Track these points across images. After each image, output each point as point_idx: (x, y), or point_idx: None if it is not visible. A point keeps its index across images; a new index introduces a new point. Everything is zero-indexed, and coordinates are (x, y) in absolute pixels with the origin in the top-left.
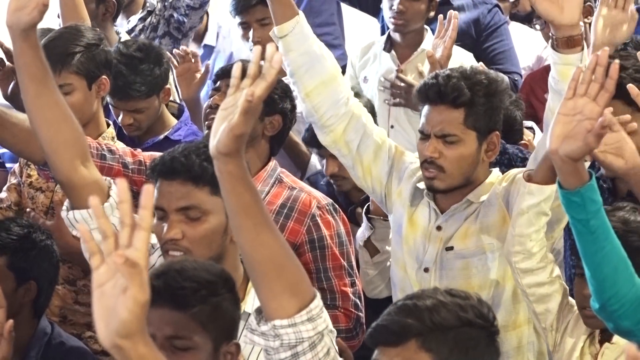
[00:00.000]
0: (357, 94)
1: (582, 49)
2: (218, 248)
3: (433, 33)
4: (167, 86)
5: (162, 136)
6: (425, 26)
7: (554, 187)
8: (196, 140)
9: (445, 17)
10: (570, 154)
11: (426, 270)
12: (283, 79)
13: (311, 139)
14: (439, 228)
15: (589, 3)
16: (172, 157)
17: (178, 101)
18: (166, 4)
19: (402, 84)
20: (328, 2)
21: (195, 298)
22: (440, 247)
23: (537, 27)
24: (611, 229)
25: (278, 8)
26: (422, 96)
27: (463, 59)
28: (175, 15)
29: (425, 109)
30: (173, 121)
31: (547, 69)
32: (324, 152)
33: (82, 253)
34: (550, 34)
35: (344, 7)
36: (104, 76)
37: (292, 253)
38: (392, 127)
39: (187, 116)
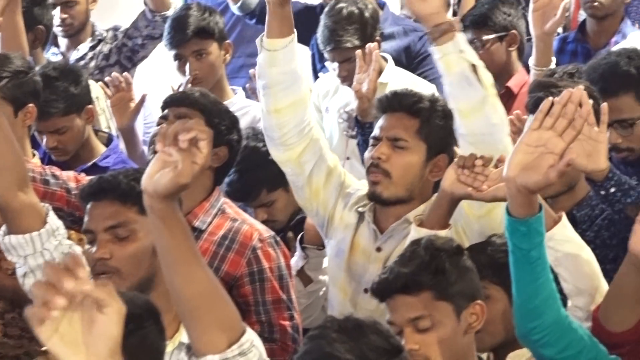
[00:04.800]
0: None
1: (454, 37)
2: (148, 268)
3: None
4: (90, 107)
5: (90, 163)
6: (385, 55)
7: (444, 232)
8: (126, 167)
9: None
10: (528, 185)
11: (366, 291)
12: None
13: (234, 194)
14: (378, 249)
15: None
16: (99, 178)
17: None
18: (118, 33)
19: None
20: (260, 32)
21: None
22: (380, 268)
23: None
24: (547, 261)
25: (276, 23)
26: (382, 105)
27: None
28: (129, 44)
29: (382, 118)
30: (101, 148)
31: None
32: (249, 204)
33: (9, 286)
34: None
35: None
36: (31, 104)
37: (222, 288)
38: (348, 158)
39: (116, 144)
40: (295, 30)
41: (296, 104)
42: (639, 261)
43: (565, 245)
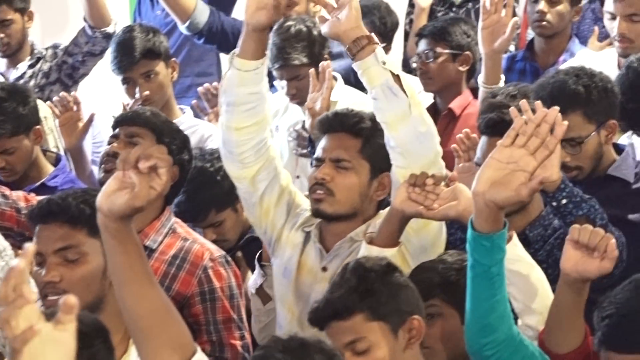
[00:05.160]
0: None
1: (374, 50)
2: (97, 291)
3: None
4: (38, 127)
5: (38, 183)
6: (335, 74)
7: (394, 250)
8: (74, 187)
9: None
10: (498, 201)
11: None
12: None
13: (183, 214)
14: (324, 269)
15: None
16: (48, 200)
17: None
18: (57, 50)
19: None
20: (208, 53)
21: None
22: (326, 288)
23: (414, 64)
24: (505, 278)
25: (252, 45)
26: (324, 125)
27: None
28: (69, 61)
29: (324, 138)
30: (50, 168)
31: None
32: (198, 225)
33: None
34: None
35: None
36: None
37: (174, 307)
38: (297, 177)
39: (64, 164)
40: (267, 52)
41: (258, 124)
42: (571, 280)
43: (516, 264)
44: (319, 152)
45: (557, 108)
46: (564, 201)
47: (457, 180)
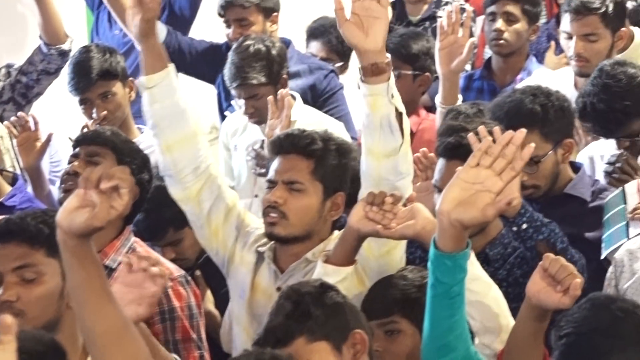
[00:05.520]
0: None
1: (389, 79)
2: (54, 312)
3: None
4: None
5: None
6: (293, 93)
7: (350, 269)
8: (32, 207)
9: None
10: (464, 221)
11: None
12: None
13: (142, 233)
14: (279, 289)
15: None
16: (6, 220)
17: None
18: (11, 70)
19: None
20: None
21: None
22: None
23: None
24: (465, 298)
25: (150, 58)
26: (276, 146)
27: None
28: (23, 80)
29: (276, 160)
30: (7, 188)
31: None
32: (157, 243)
33: None
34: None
35: None
36: None
37: (133, 326)
38: (256, 196)
39: (21, 184)
40: (171, 64)
41: (187, 139)
42: (532, 304)
43: (474, 283)
44: (271, 174)
45: (524, 131)
46: (524, 226)
47: (415, 200)
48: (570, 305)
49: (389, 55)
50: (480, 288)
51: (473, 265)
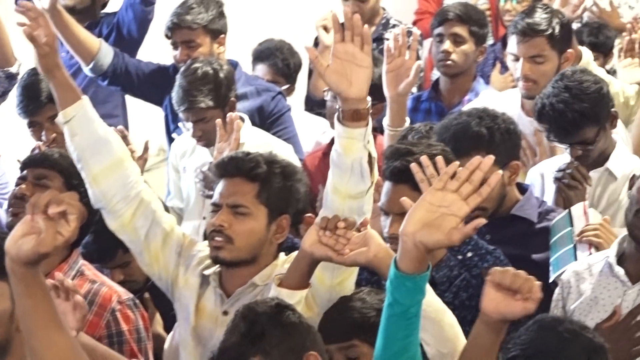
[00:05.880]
0: None
1: (367, 125)
2: (4, 334)
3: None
4: None
5: None
6: (242, 115)
7: (304, 292)
8: None
9: None
10: (428, 244)
11: None
12: None
13: (90, 255)
14: (225, 313)
15: None
16: None
17: None
18: None
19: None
20: (113, 94)
21: None
22: None
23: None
24: (420, 320)
25: (61, 93)
26: (220, 170)
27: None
28: None
29: (221, 183)
30: None
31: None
32: (106, 265)
33: None
34: (337, 107)
35: None
36: None
37: (82, 352)
38: (204, 218)
39: None
40: (84, 95)
41: (112, 167)
42: (491, 321)
43: (428, 309)
44: (216, 198)
45: (492, 157)
46: (469, 254)
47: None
48: (534, 308)
49: (369, 98)
50: (435, 314)
51: (427, 292)
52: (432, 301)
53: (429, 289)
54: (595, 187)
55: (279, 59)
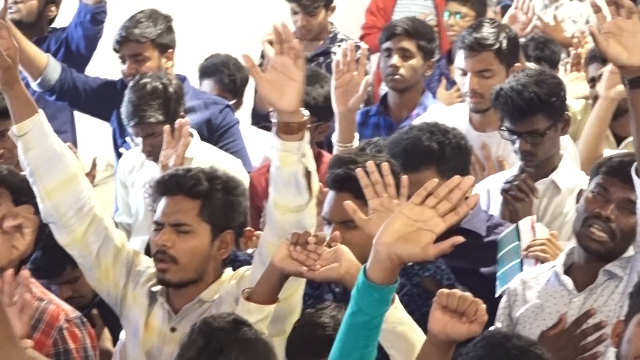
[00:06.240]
0: None
1: (302, 138)
2: None
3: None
4: None
5: None
6: (191, 130)
7: (272, 307)
8: None
9: None
10: (403, 256)
11: None
12: None
13: (38, 271)
14: (173, 329)
15: None
16: None
17: None
18: None
19: None
20: (62, 110)
21: None
22: (175, 349)
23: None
24: (379, 333)
25: (17, 106)
26: (161, 187)
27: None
28: None
29: (162, 201)
30: None
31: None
32: (54, 281)
33: None
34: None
35: None
36: None
37: None
38: None
39: None
40: (40, 109)
41: (66, 182)
42: (438, 341)
43: (399, 327)
44: (158, 216)
45: (472, 177)
46: (410, 263)
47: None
48: (480, 331)
49: (307, 112)
50: (405, 332)
51: (398, 309)
52: (403, 319)
53: (399, 307)
54: (541, 199)
55: (225, 75)
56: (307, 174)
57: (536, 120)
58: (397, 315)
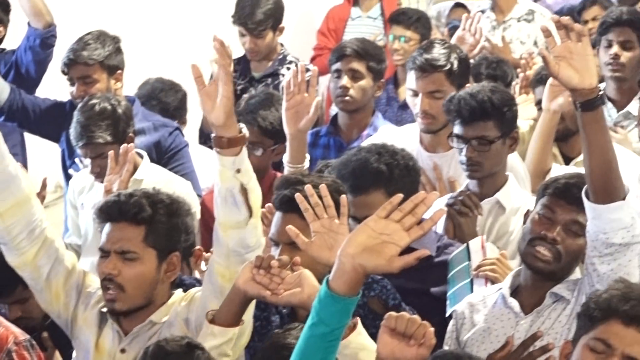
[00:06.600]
0: None
1: (237, 154)
2: None
3: None
4: None
5: None
6: (140, 151)
7: (237, 329)
8: None
9: None
10: (368, 267)
11: None
12: None
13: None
14: (123, 351)
15: None
16: None
17: None
18: None
19: None
20: (12, 133)
21: None
22: None
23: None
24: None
25: None
26: (104, 214)
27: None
28: None
29: (106, 227)
30: None
31: None
32: (4, 301)
33: None
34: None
35: None
36: None
37: None
38: None
39: None
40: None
41: (20, 204)
42: None
43: (361, 353)
44: (103, 243)
45: (437, 193)
46: (374, 274)
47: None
48: (428, 354)
49: (243, 126)
50: (368, 358)
51: (360, 335)
52: (364, 344)
53: (362, 332)
54: (486, 219)
55: (155, 103)
56: (243, 191)
57: (487, 126)
58: (359, 341)
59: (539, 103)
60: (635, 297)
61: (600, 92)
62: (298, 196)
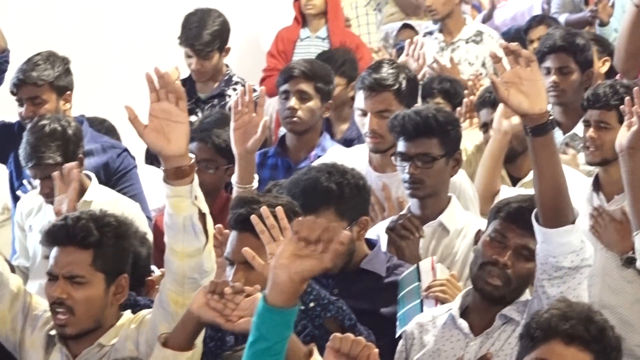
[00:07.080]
0: None
1: (192, 180)
2: None
3: None
4: None
5: None
6: (88, 173)
7: (190, 354)
8: None
9: None
10: (304, 272)
11: None
12: None
13: None
14: None
15: None
16: None
17: None
18: None
19: None
20: None
21: None
22: None
23: None
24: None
25: None
26: (51, 238)
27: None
28: None
29: (54, 251)
30: None
31: None
32: None
33: None
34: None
35: None
36: None
37: None
38: None
39: None
40: None
41: None
42: None
43: None
44: (51, 267)
45: (343, 224)
46: (311, 304)
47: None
48: None
49: (192, 155)
50: None
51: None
52: None
53: (319, 357)
54: (429, 241)
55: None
56: (202, 216)
57: (431, 143)
58: None
59: (484, 126)
60: (575, 317)
61: (551, 117)
62: (254, 218)
